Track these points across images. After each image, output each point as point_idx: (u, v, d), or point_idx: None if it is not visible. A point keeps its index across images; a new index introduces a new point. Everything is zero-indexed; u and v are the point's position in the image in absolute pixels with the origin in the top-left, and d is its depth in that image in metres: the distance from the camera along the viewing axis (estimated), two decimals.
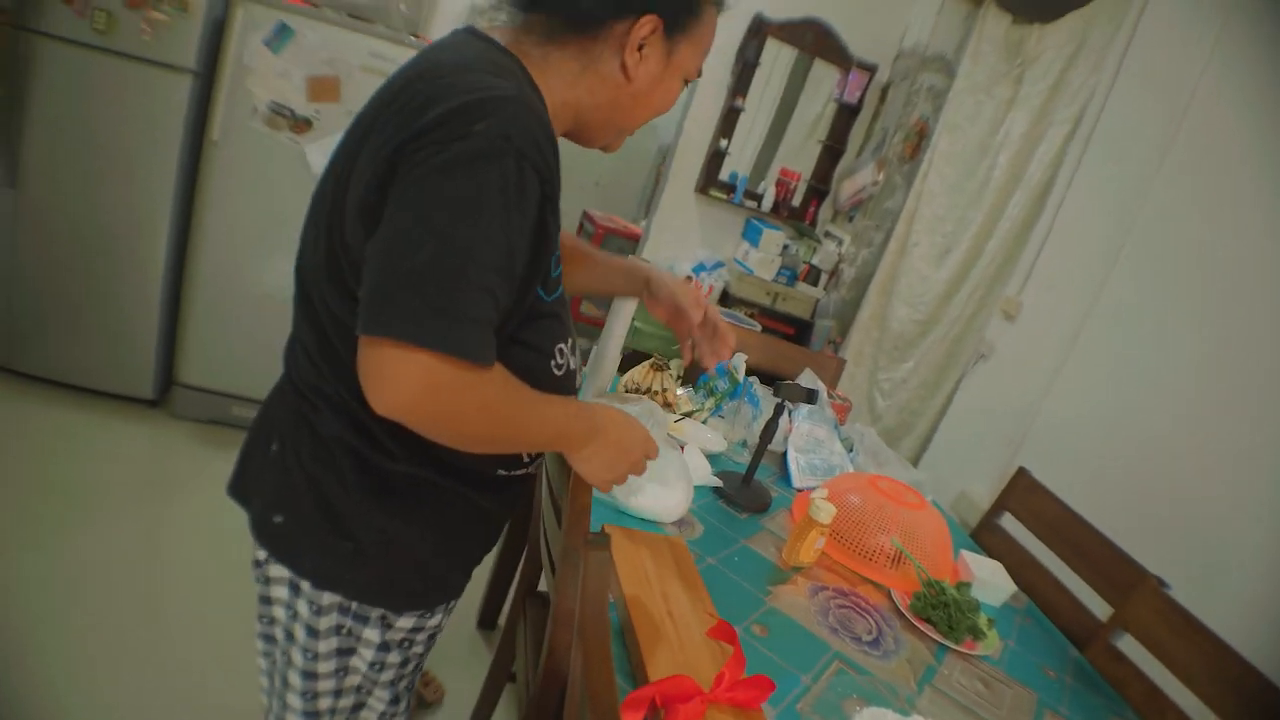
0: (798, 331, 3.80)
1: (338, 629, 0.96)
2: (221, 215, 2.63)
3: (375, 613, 0.96)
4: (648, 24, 0.90)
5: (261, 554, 0.98)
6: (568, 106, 0.94)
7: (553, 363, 0.96)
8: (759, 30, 3.55)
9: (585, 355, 1.35)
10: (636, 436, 1.00)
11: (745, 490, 1.58)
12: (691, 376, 2.13)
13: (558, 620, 1.08)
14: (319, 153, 2.62)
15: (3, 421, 2.48)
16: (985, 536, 1.96)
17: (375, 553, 0.93)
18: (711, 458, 1.69)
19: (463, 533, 1.01)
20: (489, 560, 1.99)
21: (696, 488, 1.50)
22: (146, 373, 2.71)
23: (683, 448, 1.58)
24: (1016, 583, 1.66)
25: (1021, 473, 2.02)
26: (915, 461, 2.80)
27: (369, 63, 2.60)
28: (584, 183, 5.93)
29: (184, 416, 2.76)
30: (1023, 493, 1.99)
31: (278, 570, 0.96)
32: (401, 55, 2.63)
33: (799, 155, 3.90)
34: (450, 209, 0.74)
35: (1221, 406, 1.95)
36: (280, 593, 0.97)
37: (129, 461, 2.51)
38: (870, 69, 3.72)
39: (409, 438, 0.83)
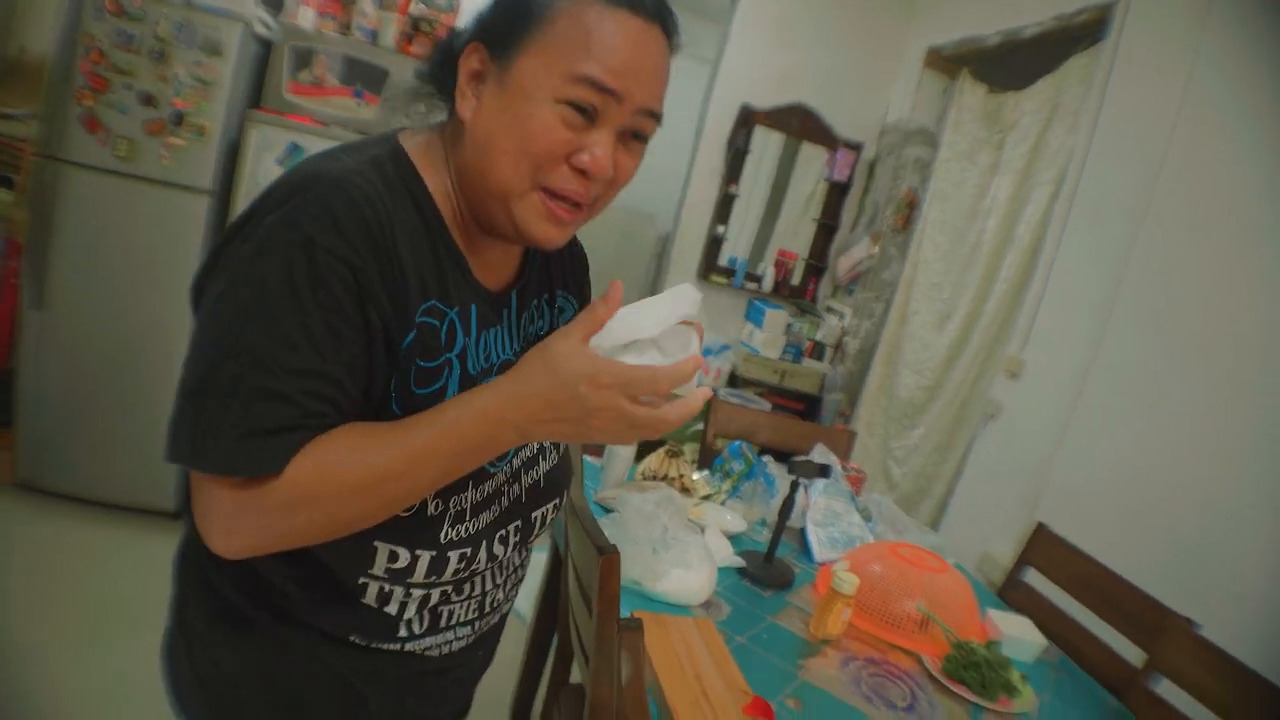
0: (807, 407, 3.85)
1: None
2: None
3: None
4: (470, 56, 0.75)
5: None
6: (448, 194, 0.79)
7: None
8: (747, 119, 3.72)
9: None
10: (566, 385, 0.68)
11: (768, 568, 1.60)
12: (706, 460, 2.18)
13: (595, 710, 1.11)
14: None
15: (32, 539, 2.53)
16: (1011, 594, 1.97)
17: (206, 683, 0.84)
18: (732, 539, 1.73)
19: (305, 697, 0.84)
20: (517, 654, 2.01)
21: (720, 569, 1.53)
22: (168, 485, 2.76)
23: (703, 530, 1.62)
24: (1047, 636, 1.67)
25: (1040, 528, 2.04)
26: (934, 525, 2.81)
27: None
28: None
29: None
30: (1044, 547, 2.01)
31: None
32: None
33: (795, 235, 4.02)
34: (230, 314, 0.67)
35: (1232, 444, 1.97)
36: None
37: (153, 574, 2.52)
38: (856, 147, 3.87)
39: (234, 567, 0.77)
